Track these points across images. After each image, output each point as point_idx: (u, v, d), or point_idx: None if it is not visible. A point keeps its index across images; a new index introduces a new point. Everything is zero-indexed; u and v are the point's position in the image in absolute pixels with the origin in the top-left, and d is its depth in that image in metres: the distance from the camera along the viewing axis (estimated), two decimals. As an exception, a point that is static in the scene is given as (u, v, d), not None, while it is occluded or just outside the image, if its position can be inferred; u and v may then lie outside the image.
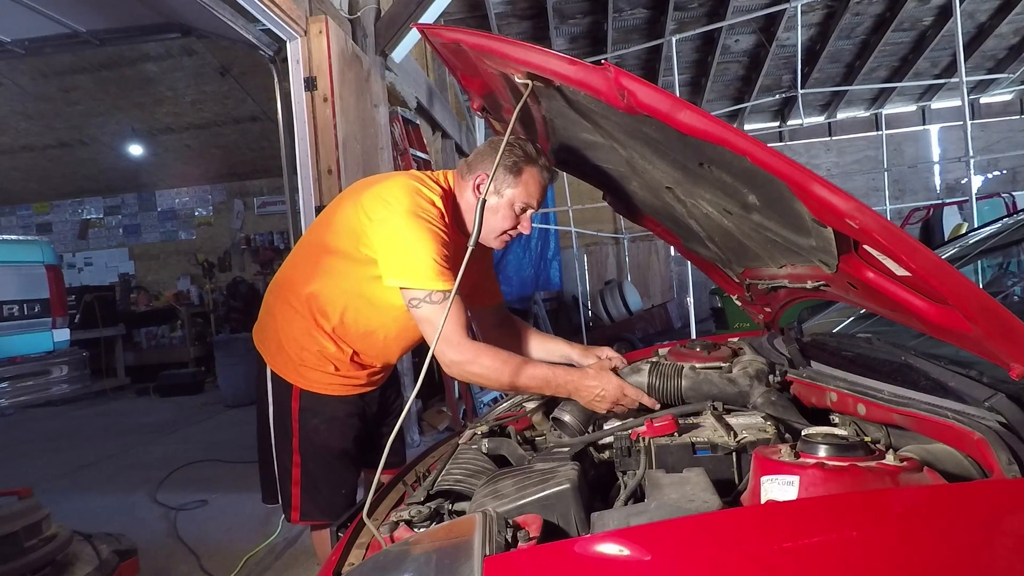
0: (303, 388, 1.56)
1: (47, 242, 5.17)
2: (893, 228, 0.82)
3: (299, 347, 1.54)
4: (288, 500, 1.59)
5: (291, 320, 1.55)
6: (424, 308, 1.34)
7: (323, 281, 1.51)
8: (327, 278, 1.50)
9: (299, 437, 1.57)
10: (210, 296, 9.40)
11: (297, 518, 1.59)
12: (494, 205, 1.46)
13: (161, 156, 8.74)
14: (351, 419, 1.60)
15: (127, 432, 5.40)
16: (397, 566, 0.76)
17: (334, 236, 1.49)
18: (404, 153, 4.37)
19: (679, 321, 8.43)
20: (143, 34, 4.33)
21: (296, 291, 1.55)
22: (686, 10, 7.44)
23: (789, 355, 1.42)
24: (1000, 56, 8.94)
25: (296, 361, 1.55)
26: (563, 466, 1.04)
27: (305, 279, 1.54)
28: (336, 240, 1.48)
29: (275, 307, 1.60)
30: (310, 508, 1.58)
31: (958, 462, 0.86)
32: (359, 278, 1.47)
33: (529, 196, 1.48)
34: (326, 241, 1.51)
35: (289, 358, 1.56)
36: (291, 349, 1.55)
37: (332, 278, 1.50)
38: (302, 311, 1.53)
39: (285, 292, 1.58)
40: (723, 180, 1.10)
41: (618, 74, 0.93)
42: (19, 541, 1.77)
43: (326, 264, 1.50)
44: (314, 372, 1.55)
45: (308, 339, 1.53)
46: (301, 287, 1.54)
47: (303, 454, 1.57)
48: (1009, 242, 2.14)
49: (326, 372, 1.55)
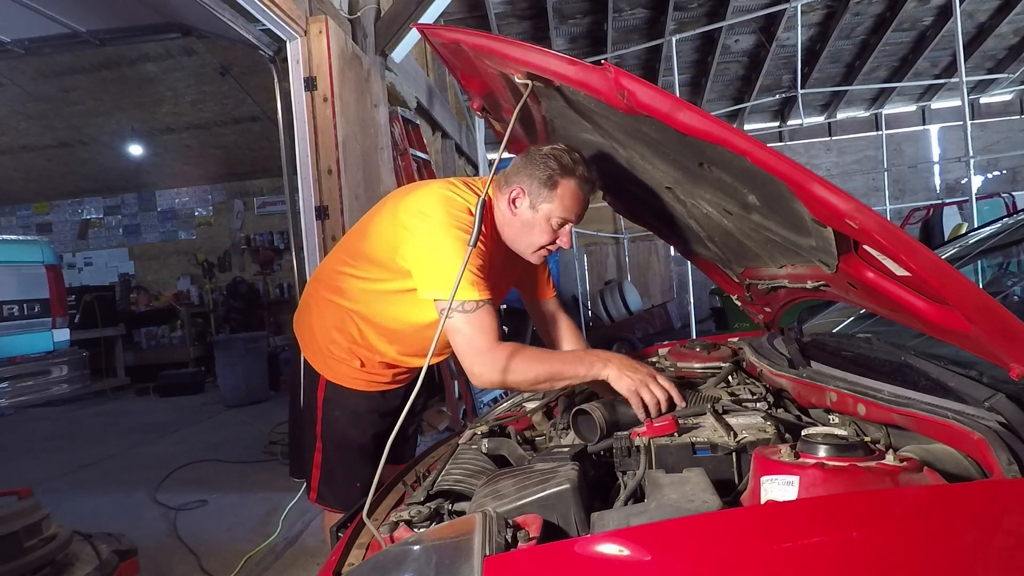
0: (328, 379, 1.59)
1: (47, 242, 5.17)
2: (893, 228, 0.82)
3: (328, 340, 1.58)
4: (308, 480, 1.65)
5: (324, 314, 1.59)
6: (455, 318, 1.31)
7: (356, 287, 1.52)
8: (360, 284, 1.51)
9: (322, 425, 1.62)
10: (210, 296, 9.40)
11: (314, 498, 1.65)
12: (530, 219, 1.43)
13: (161, 156, 8.73)
14: (371, 415, 1.62)
15: (127, 432, 5.40)
16: (397, 566, 0.76)
17: (370, 245, 1.48)
18: (404, 153, 4.37)
19: (679, 321, 8.44)
20: (143, 34, 4.34)
21: (331, 288, 1.57)
22: (686, 10, 7.44)
23: (789, 355, 1.41)
24: (1000, 56, 8.95)
25: (325, 352, 1.59)
26: (563, 466, 1.04)
27: (339, 283, 1.55)
28: (372, 249, 1.48)
29: (312, 298, 1.64)
30: (325, 493, 1.63)
31: (958, 462, 0.86)
32: (391, 289, 1.47)
33: (566, 210, 1.42)
34: (362, 249, 1.51)
35: (319, 348, 1.60)
36: (322, 340, 1.59)
37: (365, 285, 1.51)
38: (335, 308, 1.56)
39: (322, 287, 1.61)
40: (723, 180, 1.10)
41: (618, 74, 0.93)
42: (19, 541, 1.77)
43: (361, 270, 1.51)
44: (340, 365, 1.58)
45: (338, 334, 1.56)
46: (335, 288, 1.56)
47: (324, 441, 1.62)
48: (1009, 242, 2.14)
49: (352, 367, 1.58)
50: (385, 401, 1.64)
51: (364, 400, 1.61)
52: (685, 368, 1.77)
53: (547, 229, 1.44)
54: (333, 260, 1.62)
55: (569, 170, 1.40)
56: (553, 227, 1.44)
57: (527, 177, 1.41)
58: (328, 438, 1.62)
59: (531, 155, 1.42)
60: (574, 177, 1.41)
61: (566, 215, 1.43)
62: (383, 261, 1.45)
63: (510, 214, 1.45)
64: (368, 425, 1.62)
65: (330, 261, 1.64)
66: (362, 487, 1.62)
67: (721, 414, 1.17)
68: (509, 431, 1.44)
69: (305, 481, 1.68)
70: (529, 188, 1.41)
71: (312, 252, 3.14)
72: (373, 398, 1.62)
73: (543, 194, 1.41)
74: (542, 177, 1.39)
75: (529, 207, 1.42)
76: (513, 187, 1.44)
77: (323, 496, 1.63)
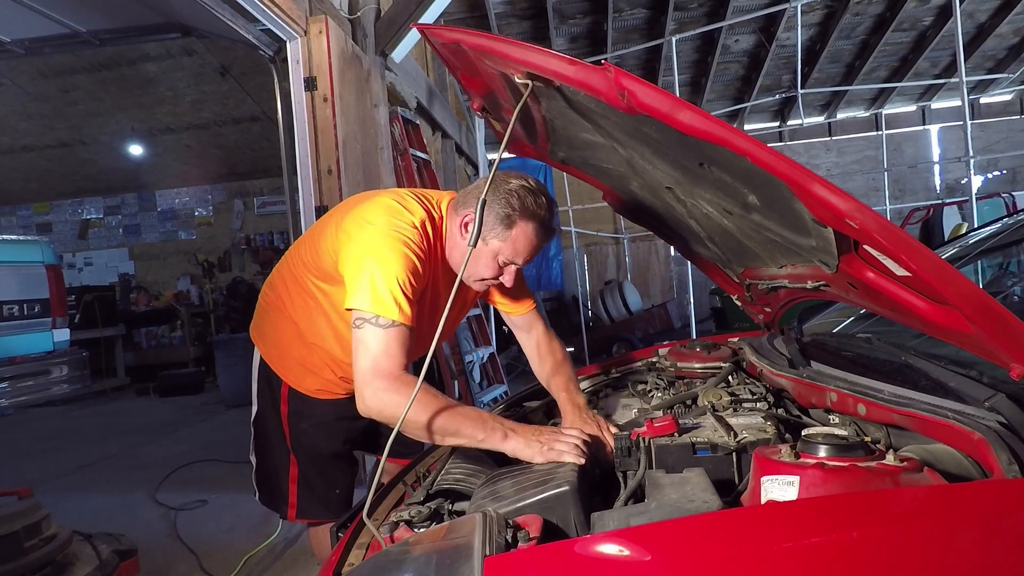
0: (292, 386, 1.54)
1: (47, 242, 5.17)
2: (893, 228, 0.82)
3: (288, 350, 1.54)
4: (284, 497, 1.57)
5: (283, 329, 1.54)
6: (366, 329, 1.19)
7: (305, 303, 1.47)
8: (309, 300, 1.47)
9: (291, 439, 1.56)
10: (210, 296, 9.40)
11: (294, 516, 1.58)
12: (477, 250, 1.31)
13: (161, 156, 8.74)
14: (341, 422, 1.57)
15: (127, 432, 5.40)
16: (397, 566, 0.76)
17: (317, 256, 1.43)
18: (404, 153, 4.37)
19: (679, 321, 8.44)
20: (143, 34, 4.33)
21: (284, 302, 1.52)
22: (686, 10, 7.44)
23: (789, 355, 1.41)
24: (1000, 56, 8.94)
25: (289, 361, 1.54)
26: (562, 466, 1.04)
27: (290, 297, 1.50)
28: (319, 260, 1.42)
29: (270, 311, 1.58)
30: (306, 505, 1.57)
31: (958, 462, 0.86)
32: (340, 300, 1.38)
33: (515, 253, 1.34)
34: (309, 260, 1.46)
35: (286, 356, 1.55)
36: (286, 349, 1.54)
37: (314, 300, 1.46)
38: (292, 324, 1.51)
39: (276, 299, 1.55)
40: (723, 180, 1.10)
41: (618, 74, 0.93)
42: (19, 541, 1.77)
43: (307, 284, 1.46)
44: (308, 375, 1.53)
45: (300, 346, 1.51)
46: (288, 304, 1.51)
47: (296, 454, 1.56)
48: (1009, 242, 2.14)
49: (320, 376, 1.53)
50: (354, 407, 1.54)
51: (332, 408, 1.55)
52: (685, 368, 1.77)
53: (492, 265, 1.36)
54: (282, 275, 1.55)
55: (530, 214, 1.32)
56: (500, 264, 1.36)
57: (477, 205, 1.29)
58: (299, 451, 1.55)
59: (496, 185, 1.32)
60: (533, 221, 1.32)
61: (514, 257, 1.35)
62: (329, 272, 1.39)
63: (459, 237, 1.38)
64: (338, 433, 1.57)
65: (279, 276, 1.56)
66: (341, 493, 1.58)
67: (721, 415, 1.17)
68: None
69: (274, 502, 1.60)
70: (482, 218, 1.25)
71: (312, 252, 3.14)
72: (341, 404, 1.55)
73: (496, 230, 1.32)
74: (500, 213, 1.31)
75: (481, 237, 1.29)
76: (468, 212, 1.34)
77: (304, 509, 1.56)
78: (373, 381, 1.18)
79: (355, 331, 1.21)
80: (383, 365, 1.18)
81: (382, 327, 1.19)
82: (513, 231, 1.32)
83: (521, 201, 1.31)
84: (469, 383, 4.48)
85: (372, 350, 1.18)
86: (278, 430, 1.57)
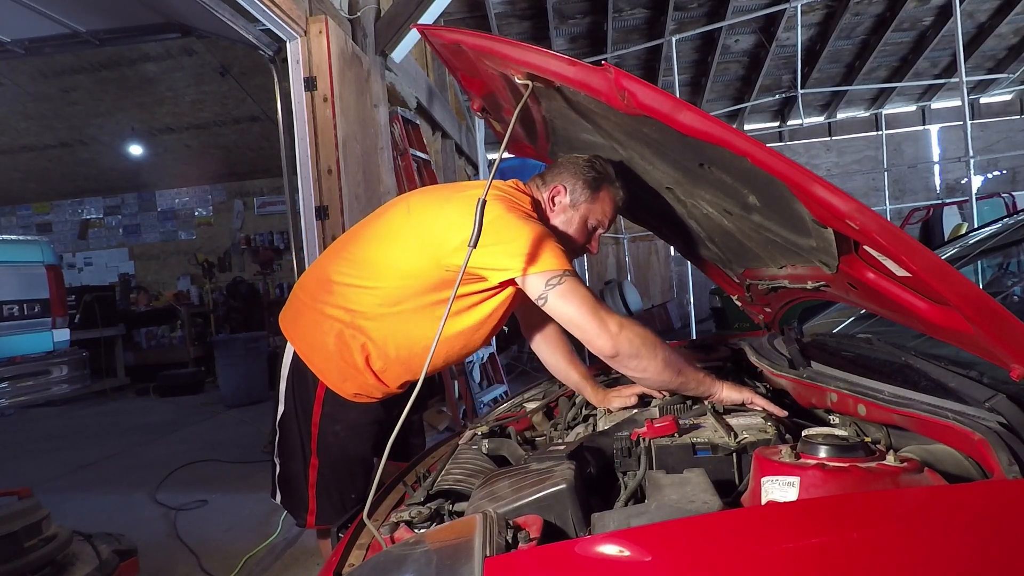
0: (328, 387, 1.46)
1: (47, 242, 5.16)
2: (893, 229, 0.82)
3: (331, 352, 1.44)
4: (305, 504, 1.51)
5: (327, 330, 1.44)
6: (565, 284, 1.24)
7: (369, 302, 1.40)
8: (375, 298, 1.39)
9: (318, 443, 1.50)
10: (210, 296, 9.39)
11: (313, 522, 1.52)
12: (567, 219, 1.44)
13: (161, 156, 8.73)
14: (372, 426, 1.52)
15: (127, 432, 5.40)
16: (397, 567, 0.76)
17: (396, 254, 1.37)
18: (404, 153, 4.37)
19: (679, 321, 8.45)
20: (143, 34, 4.33)
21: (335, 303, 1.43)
22: (686, 10, 7.45)
23: (789, 355, 1.41)
24: (1000, 56, 8.95)
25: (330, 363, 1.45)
26: (559, 465, 1.04)
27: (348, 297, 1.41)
28: (397, 260, 1.36)
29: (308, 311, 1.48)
30: (325, 511, 1.51)
31: (958, 463, 0.86)
32: (419, 304, 1.36)
33: (604, 215, 1.45)
34: (375, 258, 1.40)
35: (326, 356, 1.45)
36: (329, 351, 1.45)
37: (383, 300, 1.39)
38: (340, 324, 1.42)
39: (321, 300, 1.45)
40: (723, 181, 1.10)
41: (618, 75, 0.93)
42: (19, 541, 1.77)
43: (374, 280, 1.39)
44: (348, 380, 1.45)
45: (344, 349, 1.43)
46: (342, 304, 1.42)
47: (320, 459, 1.50)
48: (1009, 242, 2.14)
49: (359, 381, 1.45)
50: (385, 410, 1.53)
51: (365, 412, 1.50)
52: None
53: (583, 230, 1.45)
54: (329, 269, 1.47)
55: (611, 180, 1.44)
56: (588, 228, 1.46)
57: (571, 177, 1.43)
58: (324, 453, 1.49)
59: (574, 159, 1.44)
60: (613, 187, 1.45)
61: (602, 219, 1.46)
62: (412, 271, 1.34)
63: (548, 212, 1.46)
64: (368, 437, 1.52)
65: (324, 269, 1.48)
66: (356, 498, 1.52)
67: (721, 414, 1.17)
68: (509, 431, 1.44)
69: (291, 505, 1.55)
70: (572, 187, 1.42)
71: (312, 252, 3.14)
72: (373, 409, 1.50)
73: (585, 194, 1.43)
74: (587, 178, 1.42)
75: (570, 205, 1.43)
76: (554, 185, 1.45)
77: (323, 516, 1.51)
78: (608, 325, 1.23)
79: (551, 292, 1.24)
80: (602, 310, 1.25)
81: (570, 276, 1.26)
82: (600, 193, 1.43)
83: (604, 166, 1.43)
84: (469, 383, 4.48)
85: (588, 300, 1.24)
86: (305, 431, 1.50)
